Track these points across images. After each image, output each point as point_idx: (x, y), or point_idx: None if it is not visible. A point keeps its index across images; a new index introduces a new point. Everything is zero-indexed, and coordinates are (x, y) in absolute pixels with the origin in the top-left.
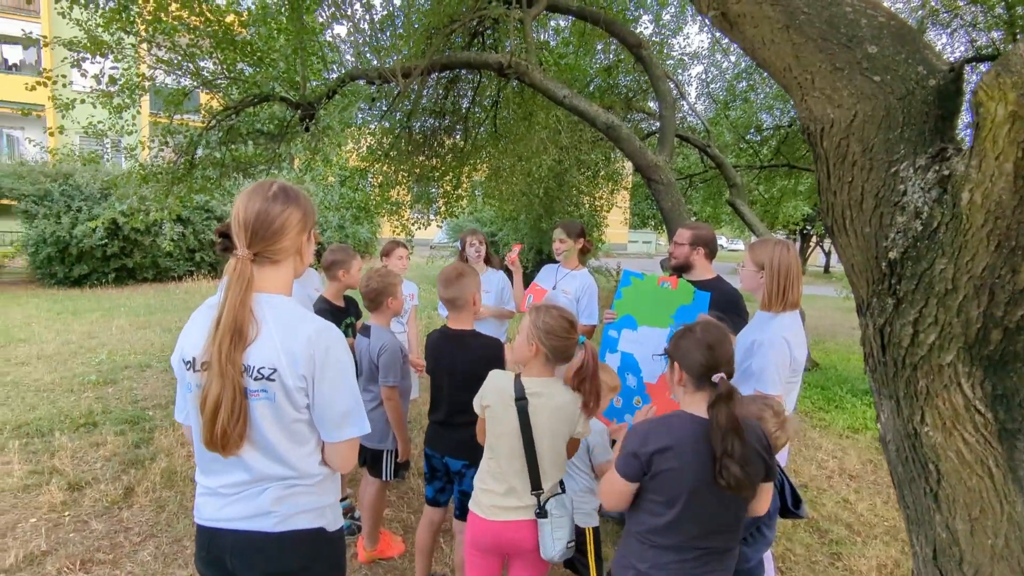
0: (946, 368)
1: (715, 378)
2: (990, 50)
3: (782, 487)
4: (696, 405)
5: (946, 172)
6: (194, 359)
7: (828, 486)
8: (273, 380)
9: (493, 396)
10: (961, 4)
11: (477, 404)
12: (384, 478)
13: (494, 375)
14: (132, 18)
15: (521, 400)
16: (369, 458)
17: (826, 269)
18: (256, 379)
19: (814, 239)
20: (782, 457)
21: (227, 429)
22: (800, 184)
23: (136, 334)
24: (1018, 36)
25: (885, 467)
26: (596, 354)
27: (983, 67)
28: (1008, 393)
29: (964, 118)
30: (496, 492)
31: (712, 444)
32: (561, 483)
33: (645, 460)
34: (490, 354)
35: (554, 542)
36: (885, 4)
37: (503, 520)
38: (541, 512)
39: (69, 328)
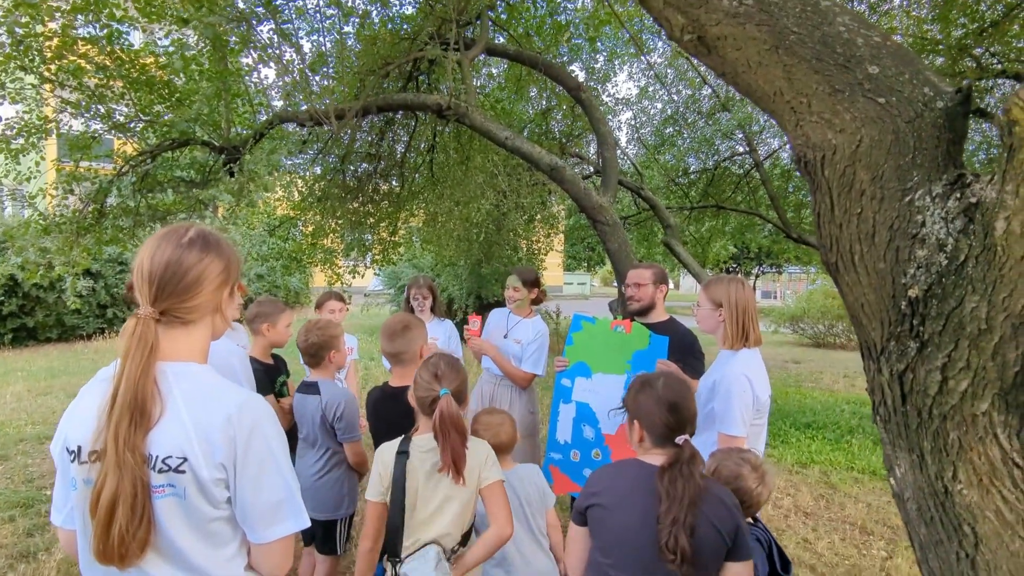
0: (980, 418)
1: (679, 440)
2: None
3: (770, 549)
4: (652, 456)
5: (972, 199)
6: (80, 448)
7: (786, 526)
8: (183, 472)
9: (385, 465)
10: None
11: (374, 489)
12: (339, 552)
13: (381, 448)
14: (32, 56)
15: (403, 453)
16: (320, 533)
17: None
18: (160, 471)
19: (739, 275)
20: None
21: (125, 536)
22: (727, 224)
23: (35, 401)
24: None
25: (837, 502)
26: (451, 411)
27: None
28: None
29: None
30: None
31: (660, 510)
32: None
33: (584, 498)
34: None
35: None
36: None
37: None
38: None
39: None
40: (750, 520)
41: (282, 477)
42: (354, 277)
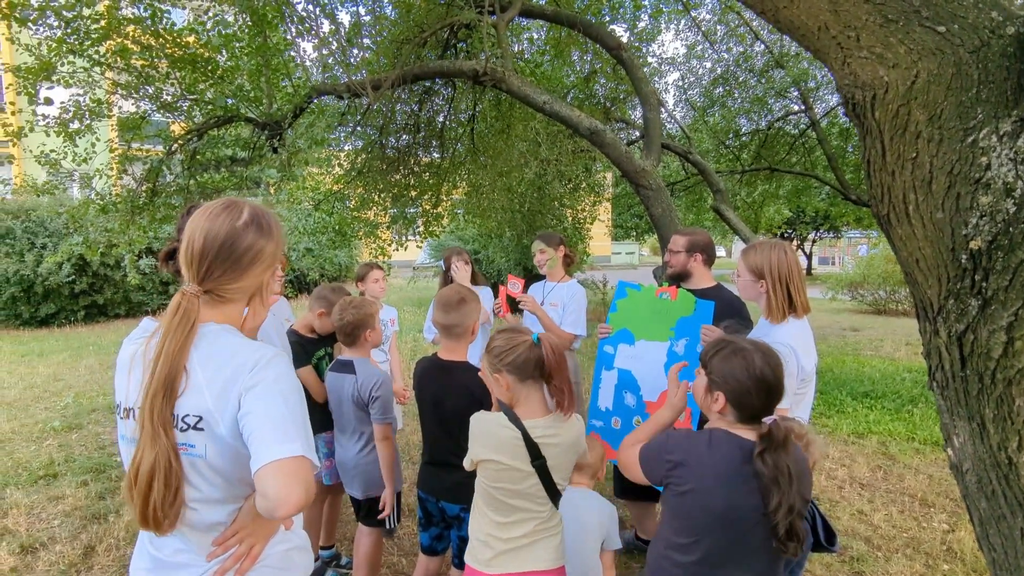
0: None
1: (769, 421)
2: None
3: (813, 520)
4: (741, 431)
5: None
6: (120, 404)
7: (840, 497)
8: (201, 429)
9: (496, 452)
10: None
11: (468, 461)
12: (389, 526)
13: (487, 425)
14: (80, 38)
15: (538, 460)
16: (365, 508)
17: (808, 271)
18: (182, 430)
19: (795, 242)
20: None
21: (163, 506)
22: (781, 188)
23: (106, 373)
24: None
25: (896, 473)
26: (555, 346)
27: None
28: None
29: None
30: (511, 540)
31: (766, 498)
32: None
33: (665, 467)
34: (478, 389)
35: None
36: None
37: (522, 572)
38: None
39: (34, 371)
40: None
41: (290, 409)
42: (397, 250)
